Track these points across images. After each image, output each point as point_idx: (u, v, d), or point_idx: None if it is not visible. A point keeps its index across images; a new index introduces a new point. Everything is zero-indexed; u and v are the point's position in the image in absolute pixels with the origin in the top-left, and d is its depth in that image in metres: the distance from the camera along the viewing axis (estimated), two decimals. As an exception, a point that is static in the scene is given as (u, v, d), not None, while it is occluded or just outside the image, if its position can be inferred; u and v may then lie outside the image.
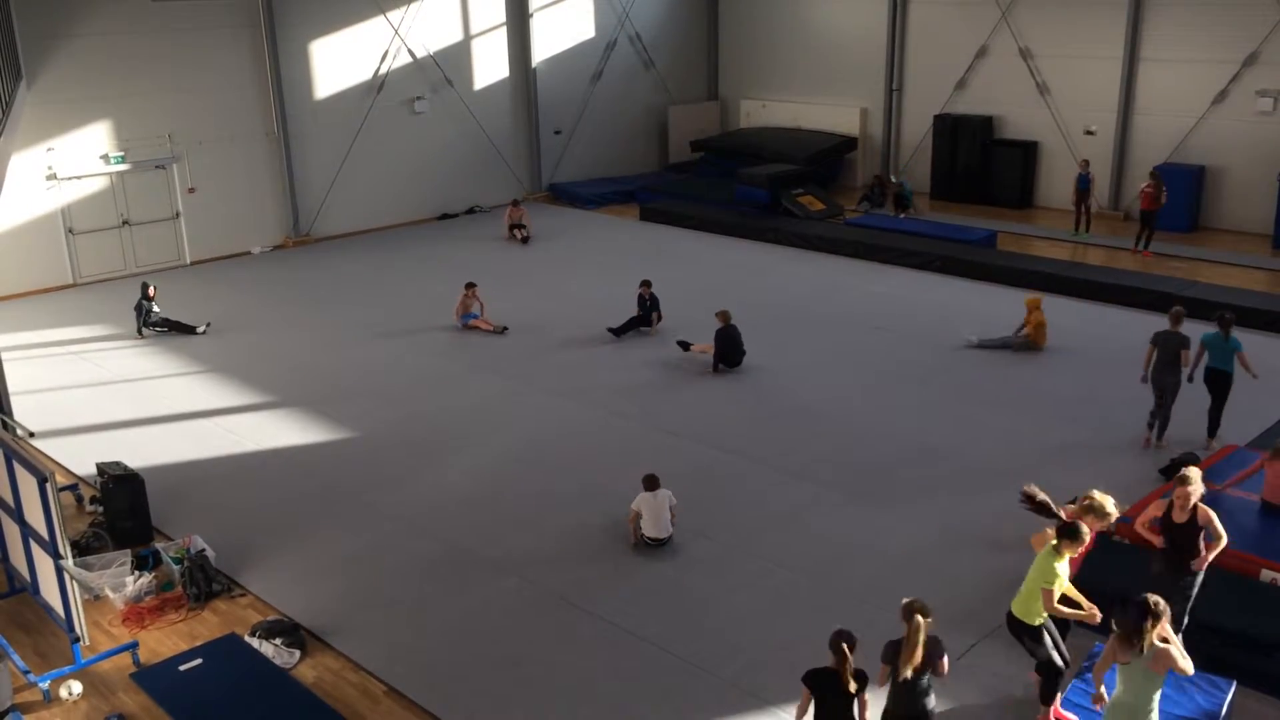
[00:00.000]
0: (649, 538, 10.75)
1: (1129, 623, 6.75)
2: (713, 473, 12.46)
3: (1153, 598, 6.81)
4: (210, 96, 22.06)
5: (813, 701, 7.02)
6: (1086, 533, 7.71)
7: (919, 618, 6.88)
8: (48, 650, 9.49)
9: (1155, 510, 8.59)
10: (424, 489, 12.32)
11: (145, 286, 17.89)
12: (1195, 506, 8.36)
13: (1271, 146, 21.74)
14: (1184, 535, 8.41)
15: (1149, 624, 6.71)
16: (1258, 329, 16.64)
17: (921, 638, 6.89)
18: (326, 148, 23.95)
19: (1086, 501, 8.18)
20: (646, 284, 17.38)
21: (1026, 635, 7.93)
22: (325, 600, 10.13)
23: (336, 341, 17.40)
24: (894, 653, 7.02)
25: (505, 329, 17.56)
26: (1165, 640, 6.82)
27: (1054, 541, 7.71)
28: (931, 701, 7.11)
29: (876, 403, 14.43)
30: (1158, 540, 8.59)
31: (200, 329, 17.76)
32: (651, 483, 10.77)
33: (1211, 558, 8.45)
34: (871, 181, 26.66)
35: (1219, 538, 8.38)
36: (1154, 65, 23.19)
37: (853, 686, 6.88)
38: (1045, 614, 7.80)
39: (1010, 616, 7.97)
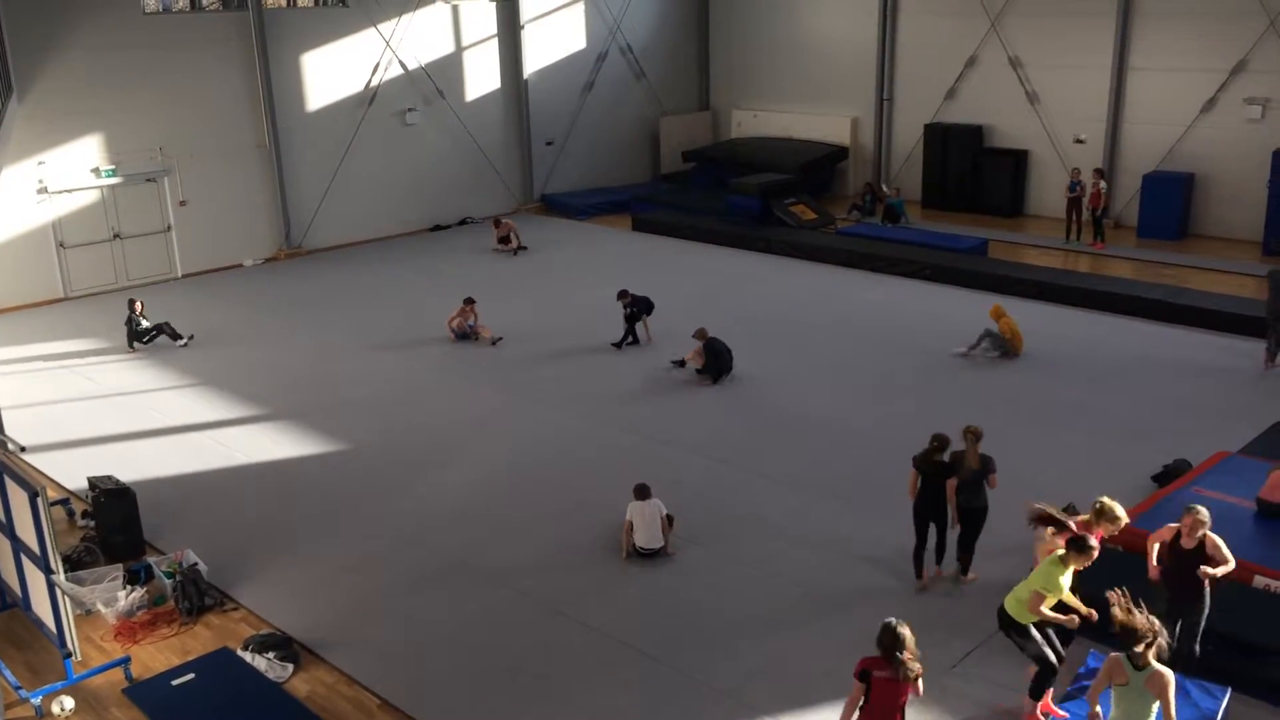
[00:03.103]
0: (640, 548, 10.73)
1: (1131, 637, 6.72)
2: (706, 482, 12.45)
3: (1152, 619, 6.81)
4: (202, 109, 22.05)
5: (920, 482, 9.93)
6: (1095, 547, 7.72)
7: (972, 435, 9.93)
8: (39, 666, 9.44)
9: (1165, 534, 8.56)
10: (418, 501, 12.29)
11: (131, 303, 17.85)
12: (1204, 536, 8.33)
13: (1260, 154, 21.83)
14: (1190, 563, 8.36)
15: (1149, 644, 6.71)
16: (1247, 335, 16.69)
17: (977, 449, 9.88)
18: (318, 160, 23.94)
19: (1098, 506, 8.41)
20: (624, 293, 17.28)
21: (1014, 630, 8.03)
22: (319, 613, 10.09)
23: (329, 354, 17.37)
24: (960, 463, 9.91)
25: (500, 339, 17.55)
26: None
27: (1061, 552, 7.74)
28: (986, 499, 9.98)
29: (869, 410, 14.44)
30: (1156, 572, 8.56)
31: (182, 341, 17.71)
32: (642, 492, 10.76)
33: (1217, 575, 8.37)
34: (863, 190, 26.74)
35: (1227, 562, 8.32)
36: (1143, 74, 23.30)
37: (944, 456, 9.91)
38: (1036, 619, 7.86)
39: (1001, 611, 8.03)
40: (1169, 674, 6.75)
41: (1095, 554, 7.75)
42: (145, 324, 17.76)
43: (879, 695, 6.73)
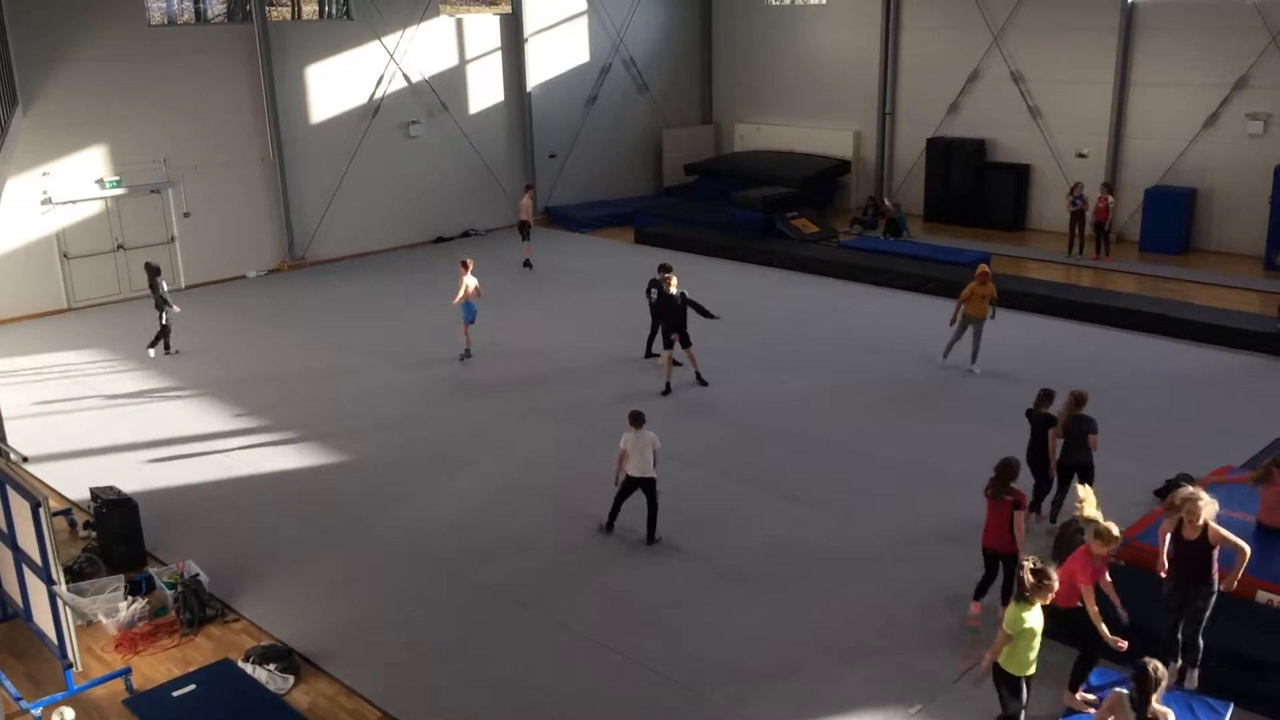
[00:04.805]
0: (631, 475, 11.00)
1: (1138, 688, 6.79)
2: (707, 496, 12.44)
3: (1152, 663, 6.78)
4: (206, 121, 22.12)
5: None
6: (1053, 579, 7.54)
7: (1074, 398, 11.07)
8: (40, 676, 9.44)
9: (1168, 526, 8.61)
10: (419, 513, 12.29)
11: (147, 266, 17.69)
12: (1205, 525, 8.37)
13: (1262, 168, 21.87)
14: (1194, 553, 8.42)
15: (1152, 690, 6.72)
16: (1249, 350, 16.71)
17: (1074, 412, 10.98)
18: (322, 172, 24.01)
19: (1093, 526, 8.35)
20: (666, 268, 16.37)
21: (1005, 684, 7.84)
22: (319, 625, 10.09)
23: (331, 366, 17.39)
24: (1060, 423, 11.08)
25: (469, 356, 17.28)
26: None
27: (1027, 592, 7.63)
28: (1088, 456, 10.96)
29: (871, 424, 14.44)
30: (1161, 565, 8.62)
31: (152, 353, 17.72)
32: (637, 419, 11.09)
33: (1240, 572, 8.47)
34: (865, 204, 26.79)
35: (1240, 550, 8.38)
36: (1145, 89, 23.35)
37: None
38: (1030, 669, 7.74)
39: (995, 665, 7.88)
40: (1170, 715, 6.81)
41: (1055, 586, 7.56)
42: (164, 292, 17.47)
43: (992, 513, 9.46)
